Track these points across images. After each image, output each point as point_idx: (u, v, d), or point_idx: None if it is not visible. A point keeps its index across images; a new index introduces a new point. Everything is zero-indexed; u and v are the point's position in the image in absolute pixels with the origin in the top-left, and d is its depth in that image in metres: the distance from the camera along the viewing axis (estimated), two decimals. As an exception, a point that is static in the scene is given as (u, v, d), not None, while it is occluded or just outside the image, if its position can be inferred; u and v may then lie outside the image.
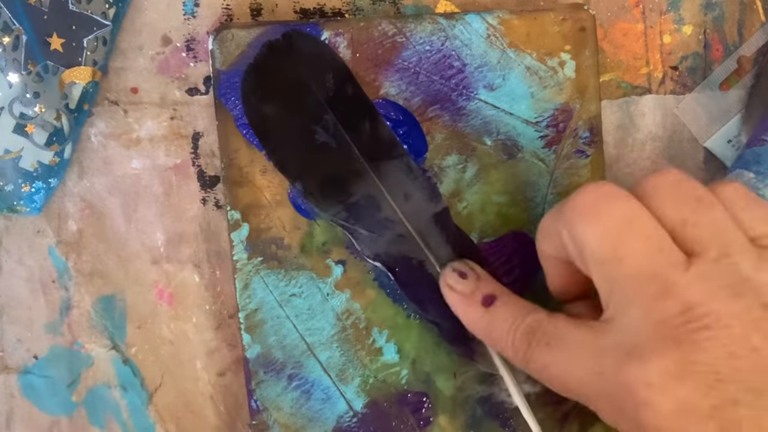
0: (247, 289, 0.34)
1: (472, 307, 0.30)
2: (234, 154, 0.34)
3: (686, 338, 0.23)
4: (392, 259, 0.32)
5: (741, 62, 0.37)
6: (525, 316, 0.28)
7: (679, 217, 0.25)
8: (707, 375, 0.23)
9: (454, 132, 0.34)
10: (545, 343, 0.27)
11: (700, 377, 0.23)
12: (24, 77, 0.32)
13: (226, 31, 0.33)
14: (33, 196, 0.34)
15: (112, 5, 0.33)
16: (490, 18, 0.34)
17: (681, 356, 0.23)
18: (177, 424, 0.36)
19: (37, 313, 0.36)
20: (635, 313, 0.24)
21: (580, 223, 0.25)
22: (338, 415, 0.34)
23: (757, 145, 0.34)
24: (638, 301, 0.24)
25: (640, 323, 0.24)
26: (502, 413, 0.34)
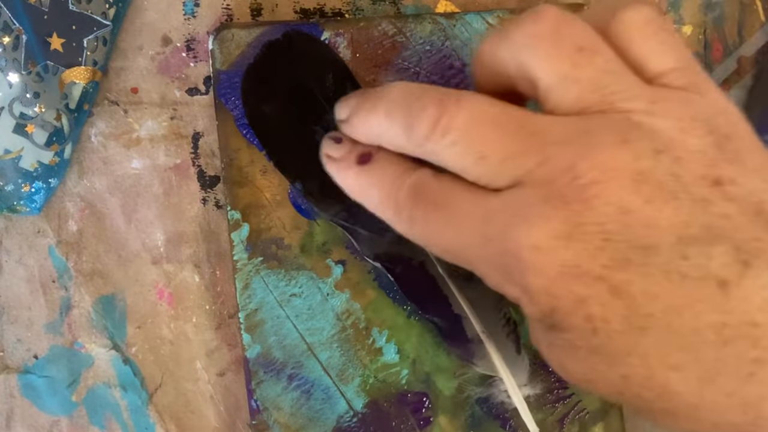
0: (247, 289, 0.34)
1: (348, 170, 0.28)
2: (234, 154, 0.34)
3: (574, 198, 0.21)
4: (392, 260, 0.32)
5: (741, 62, 0.37)
6: (410, 172, 0.26)
7: (557, 73, 0.23)
8: (596, 235, 0.21)
9: (454, 132, 0.34)
10: (431, 202, 0.25)
11: (588, 237, 0.21)
12: (24, 77, 0.32)
13: (226, 31, 0.33)
14: (33, 196, 0.34)
15: (112, 5, 0.33)
16: (490, 18, 0.34)
17: (568, 217, 0.21)
18: (177, 424, 0.36)
19: (37, 313, 0.36)
20: (523, 185, 0.22)
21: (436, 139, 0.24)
22: (338, 415, 0.34)
23: (757, 145, 0.34)
24: (521, 175, 0.22)
25: (527, 191, 0.22)
26: (501, 413, 0.34)
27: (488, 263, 0.24)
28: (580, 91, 0.23)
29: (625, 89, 0.23)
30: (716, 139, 0.22)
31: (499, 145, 0.23)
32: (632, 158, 0.21)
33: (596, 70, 0.23)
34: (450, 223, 0.24)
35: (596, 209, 0.21)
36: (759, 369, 0.21)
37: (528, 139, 0.23)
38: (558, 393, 0.34)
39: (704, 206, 0.21)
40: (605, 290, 0.21)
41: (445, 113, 0.24)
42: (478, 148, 0.23)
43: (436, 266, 0.32)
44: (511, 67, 0.24)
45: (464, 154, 0.23)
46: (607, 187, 0.21)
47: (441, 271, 0.32)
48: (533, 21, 0.23)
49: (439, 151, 0.24)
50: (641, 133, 0.22)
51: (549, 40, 0.23)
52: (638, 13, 0.24)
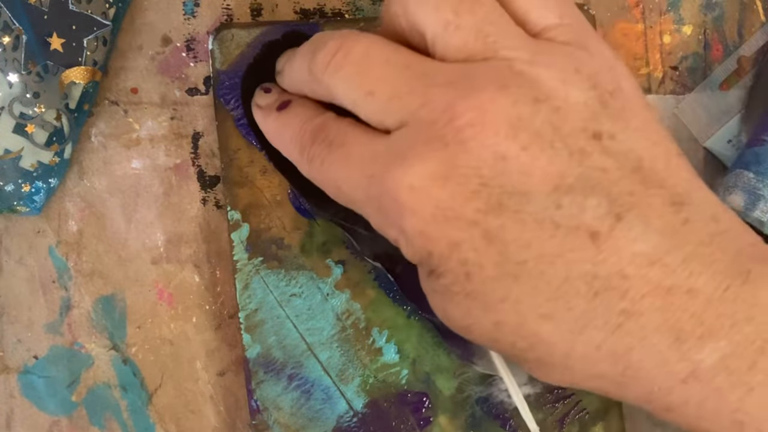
0: (247, 289, 0.34)
1: (269, 116, 0.29)
2: (234, 154, 0.34)
3: (452, 138, 0.21)
4: (392, 260, 0.32)
5: (741, 62, 0.37)
6: (316, 117, 0.27)
7: (440, 21, 0.23)
8: (471, 178, 0.21)
9: (454, 132, 0.34)
10: (328, 143, 0.25)
11: (464, 180, 0.21)
12: (24, 77, 0.32)
13: (226, 31, 0.33)
14: (33, 196, 0.34)
15: (112, 5, 0.33)
16: (490, 18, 0.34)
17: (445, 158, 0.21)
18: (177, 424, 0.36)
19: (37, 313, 0.36)
20: (408, 125, 0.23)
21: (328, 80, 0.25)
22: (338, 415, 0.34)
23: (757, 145, 0.34)
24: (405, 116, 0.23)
25: (411, 132, 0.23)
26: (502, 413, 0.34)
27: (371, 204, 0.24)
28: (463, 39, 0.23)
29: (508, 39, 0.23)
30: (599, 94, 0.22)
31: (386, 82, 0.23)
32: (510, 104, 0.21)
33: (479, 18, 0.23)
34: (343, 163, 0.25)
35: (472, 152, 0.21)
36: (626, 320, 0.21)
37: (414, 79, 0.23)
38: (558, 393, 0.34)
39: (581, 158, 0.21)
40: (479, 235, 0.22)
41: (341, 48, 0.24)
42: (367, 83, 0.24)
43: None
44: (402, 21, 0.25)
45: (355, 88, 0.24)
46: (484, 130, 0.21)
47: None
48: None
49: (334, 85, 0.25)
50: (522, 80, 0.22)
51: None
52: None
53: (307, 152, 0.26)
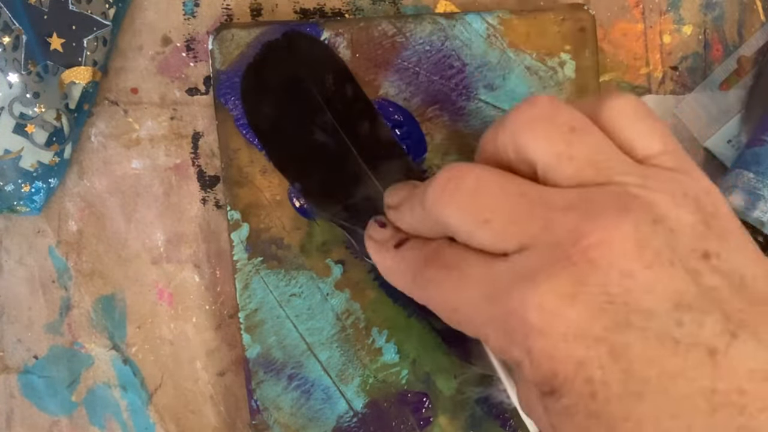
0: (247, 289, 0.34)
1: (386, 253, 0.29)
2: (234, 154, 0.34)
3: (581, 257, 0.22)
4: (392, 259, 0.32)
5: (741, 62, 0.37)
6: (429, 244, 0.27)
7: (553, 152, 0.24)
8: (599, 296, 0.22)
9: (454, 132, 0.34)
10: (443, 265, 0.26)
11: (592, 298, 0.22)
12: (24, 77, 0.32)
13: (226, 31, 0.33)
14: (33, 196, 0.34)
15: (112, 5, 0.33)
16: (490, 18, 0.34)
17: (574, 276, 0.22)
18: (177, 424, 0.36)
19: (37, 313, 0.36)
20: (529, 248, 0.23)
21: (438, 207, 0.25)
22: (338, 415, 0.34)
23: (757, 145, 0.34)
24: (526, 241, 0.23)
25: (534, 253, 0.23)
26: (502, 413, 0.34)
27: (493, 325, 0.24)
28: (576, 168, 0.24)
29: (619, 165, 0.24)
30: (704, 216, 0.24)
31: (502, 210, 0.24)
32: (633, 225, 0.22)
33: (589, 148, 0.24)
34: (459, 285, 0.25)
35: (601, 270, 0.22)
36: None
37: (531, 205, 0.24)
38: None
39: (695, 276, 0.22)
40: (605, 352, 0.22)
41: (451, 179, 0.25)
42: (482, 212, 0.24)
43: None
44: (510, 151, 0.25)
45: (470, 217, 0.24)
46: (612, 250, 0.22)
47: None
48: (528, 106, 0.25)
49: (447, 216, 0.25)
50: (640, 203, 0.23)
51: (543, 122, 0.24)
52: (626, 100, 0.25)
53: (421, 277, 0.27)
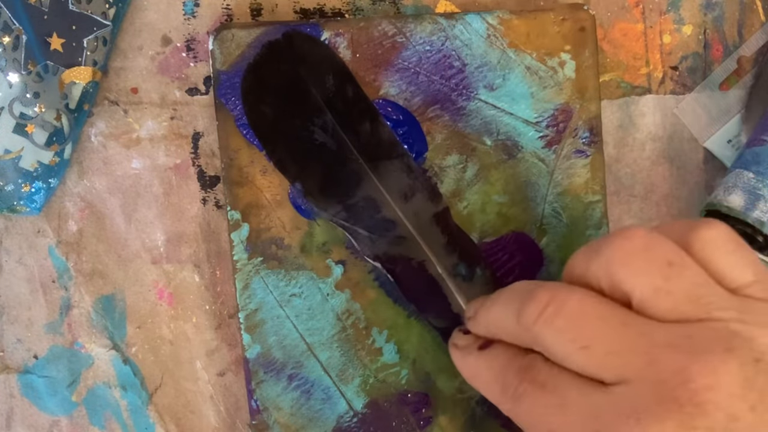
0: (247, 289, 0.34)
1: (469, 356, 0.30)
2: (234, 154, 0.34)
3: (687, 400, 0.22)
4: (392, 260, 0.32)
5: (741, 62, 0.37)
6: (521, 356, 0.27)
7: (651, 286, 0.24)
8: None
9: (454, 132, 0.34)
10: (539, 384, 0.26)
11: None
12: (24, 77, 0.32)
13: (226, 31, 0.33)
14: (33, 196, 0.34)
15: (112, 5, 0.33)
16: (490, 18, 0.34)
17: (681, 420, 0.22)
18: (177, 424, 0.36)
19: (37, 313, 0.36)
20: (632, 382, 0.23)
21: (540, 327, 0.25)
22: (338, 414, 0.34)
23: (757, 145, 0.34)
24: (629, 373, 0.23)
25: (638, 389, 0.23)
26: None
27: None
28: (674, 303, 0.24)
29: (716, 299, 0.24)
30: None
31: (603, 338, 0.24)
32: (738, 366, 0.22)
33: (687, 282, 0.24)
34: (558, 411, 0.25)
35: (708, 414, 0.22)
36: None
37: (634, 337, 0.24)
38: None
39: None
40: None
41: (554, 300, 0.25)
42: (583, 337, 0.24)
43: (436, 266, 0.32)
44: (603, 281, 0.25)
45: (568, 342, 0.25)
46: (719, 393, 0.22)
47: (441, 271, 0.32)
48: (624, 239, 0.25)
49: (546, 336, 0.25)
50: (741, 341, 0.23)
51: (640, 256, 0.25)
52: (717, 230, 0.26)
53: (513, 390, 0.27)
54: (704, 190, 0.37)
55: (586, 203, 0.34)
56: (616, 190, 0.36)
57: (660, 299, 0.24)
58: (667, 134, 0.37)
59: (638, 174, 0.37)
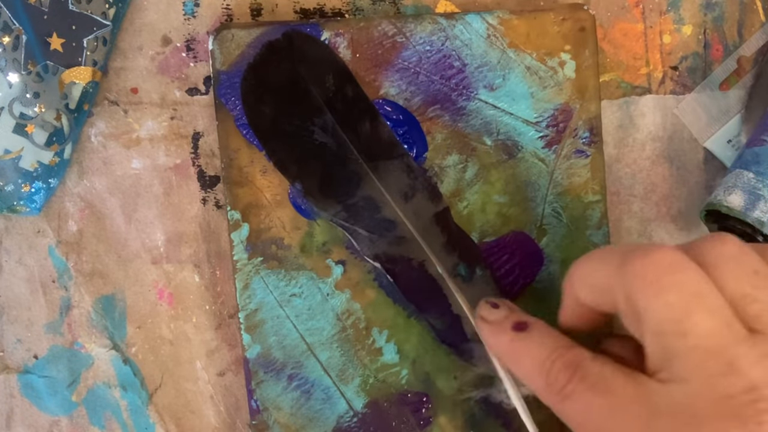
0: (247, 289, 0.34)
1: (503, 334, 0.29)
2: (234, 154, 0.34)
3: (751, 418, 0.22)
4: (392, 260, 0.32)
5: (741, 62, 0.37)
6: (567, 349, 0.27)
7: (739, 291, 0.24)
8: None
9: (455, 132, 0.34)
10: (590, 385, 0.25)
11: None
12: (24, 77, 0.32)
13: (226, 31, 0.33)
14: (33, 196, 0.34)
15: (112, 5, 0.33)
16: (490, 18, 0.34)
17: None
18: (177, 424, 0.36)
19: (37, 313, 0.36)
20: (697, 385, 0.23)
21: (644, 292, 0.24)
22: (338, 415, 0.34)
23: (757, 145, 0.34)
24: (701, 373, 0.23)
25: (702, 395, 0.23)
26: (501, 413, 0.34)
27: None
28: (759, 311, 0.24)
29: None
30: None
31: (703, 330, 0.23)
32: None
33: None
34: (611, 412, 0.25)
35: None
36: None
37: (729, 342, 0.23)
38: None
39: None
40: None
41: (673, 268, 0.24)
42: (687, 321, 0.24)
43: (436, 266, 0.32)
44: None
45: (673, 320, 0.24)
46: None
47: (441, 271, 0.32)
48: (720, 242, 0.25)
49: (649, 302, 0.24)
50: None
51: (733, 260, 0.25)
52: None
53: (560, 387, 0.26)
54: (704, 190, 0.37)
55: (586, 203, 0.34)
56: (616, 190, 0.36)
57: (747, 304, 0.24)
58: (667, 134, 0.37)
59: (638, 174, 0.37)
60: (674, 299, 0.24)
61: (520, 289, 0.34)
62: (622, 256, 0.25)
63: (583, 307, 0.28)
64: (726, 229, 0.34)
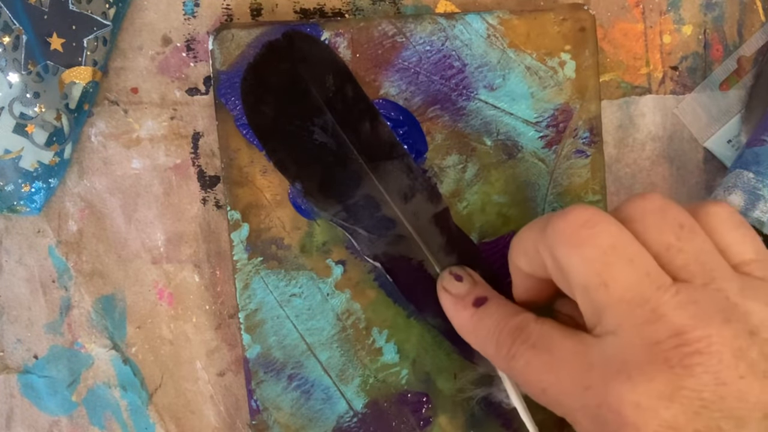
0: (247, 289, 0.34)
1: (464, 310, 0.30)
2: (234, 154, 0.34)
3: (678, 362, 0.23)
4: (391, 260, 0.32)
5: (741, 62, 0.37)
6: (514, 315, 0.28)
7: (663, 242, 0.25)
8: (694, 400, 0.23)
9: (454, 132, 0.34)
10: (531, 344, 0.27)
11: (687, 402, 0.23)
12: (24, 77, 0.32)
13: (226, 31, 0.33)
14: (33, 196, 0.34)
15: (112, 5, 0.33)
16: (490, 18, 0.34)
17: (670, 380, 0.23)
18: (177, 424, 0.36)
19: (37, 313, 0.36)
20: (626, 335, 0.24)
21: (564, 248, 0.25)
22: (338, 415, 0.34)
23: (757, 145, 0.34)
24: (628, 323, 0.24)
25: (631, 344, 0.24)
26: (501, 413, 0.34)
27: (584, 412, 0.25)
28: (685, 261, 0.25)
29: (720, 269, 0.25)
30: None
31: (624, 282, 0.24)
32: (732, 336, 0.23)
33: (696, 245, 0.25)
34: (550, 368, 0.26)
35: (697, 377, 0.23)
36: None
37: (650, 289, 0.24)
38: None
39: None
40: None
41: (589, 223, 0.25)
42: (606, 274, 0.24)
43: (435, 266, 0.32)
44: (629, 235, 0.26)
45: (592, 273, 0.24)
46: (710, 359, 0.23)
47: (440, 272, 0.32)
48: (642, 199, 0.26)
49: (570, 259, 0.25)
50: (738, 314, 0.24)
51: (656, 214, 0.25)
52: (723, 207, 0.26)
53: (506, 350, 0.27)
54: (704, 190, 0.37)
55: (586, 203, 0.34)
56: (616, 190, 0.36)
57: (672, 255, 0.25)
58: (667, 134, 0.37)
59: (638, 174, 0.37)
60: (591, 253, 0.24)
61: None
62: (545, 220, 0.26)
63: (528, 278, 0.29)
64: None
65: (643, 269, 0.24)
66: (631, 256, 0.24)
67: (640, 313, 0.24)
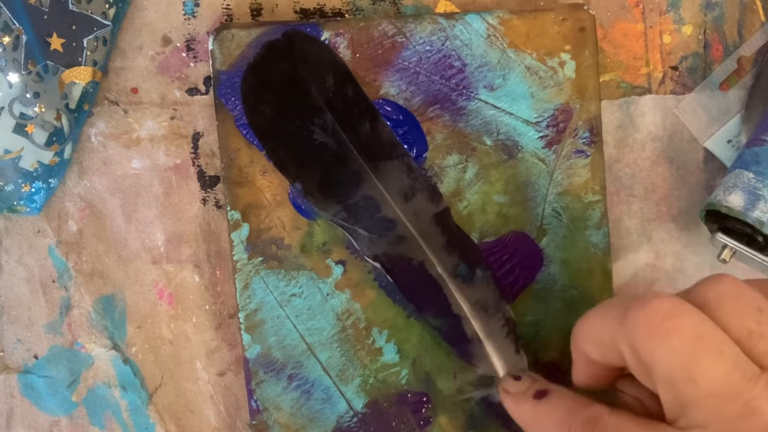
0: (247, 289, 0.34)
1: (524, 403, 0.29)
2: (234, 154, 0.34)
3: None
4: (391, 260, 0.32)
5: (741, 62, 0.37)
6: (585, 407, 0.27)
7: (744, 328, 0.24)
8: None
9: (455, 132, 0.34)
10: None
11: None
12: (24, 77, 0.32)
13: (226, 31, 0.33)
14: (33, 196, 0.34)
15: (112, 5, 0.33)
16: (490, 18, 0.34)
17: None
18: (177, 424, 0.36)
19: (37, 313, 0.36)
20: (717, 430, 0.23)
21: (648, 342, 0.24)
22: (338, 415, 0.34)
23: (757, 145, 0.34)
24: (719, 418, 0.23)
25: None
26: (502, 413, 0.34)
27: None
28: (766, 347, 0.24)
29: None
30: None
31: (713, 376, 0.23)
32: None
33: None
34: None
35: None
36: None
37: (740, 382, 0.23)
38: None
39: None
40: None
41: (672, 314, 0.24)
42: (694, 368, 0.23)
43: (436, 266, 0.32)
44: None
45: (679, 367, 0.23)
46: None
47: (441, 272, 0.32)
48: (716, 281, 0.25)
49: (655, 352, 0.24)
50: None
51: (732, 298, 0.24)
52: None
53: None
54: (704, 190, 0.37)
55: (586, 203, 0.34)
56: (616, 190, 0.36)
57: (755, 341, 0.24)
58: (667, 134, 0.37)
59: (638, 174, 0.37)
60: (677, 344, 0.23)
61: (520, 289, 0.34)
62: (621, 309, 0.25)
63: (594, 365, 0.28)
64: (726, 229, 0.34)
65: (732, 360, 0.23)
66: (720, 347, 0.23)
67: (732, 408, 0.23)
